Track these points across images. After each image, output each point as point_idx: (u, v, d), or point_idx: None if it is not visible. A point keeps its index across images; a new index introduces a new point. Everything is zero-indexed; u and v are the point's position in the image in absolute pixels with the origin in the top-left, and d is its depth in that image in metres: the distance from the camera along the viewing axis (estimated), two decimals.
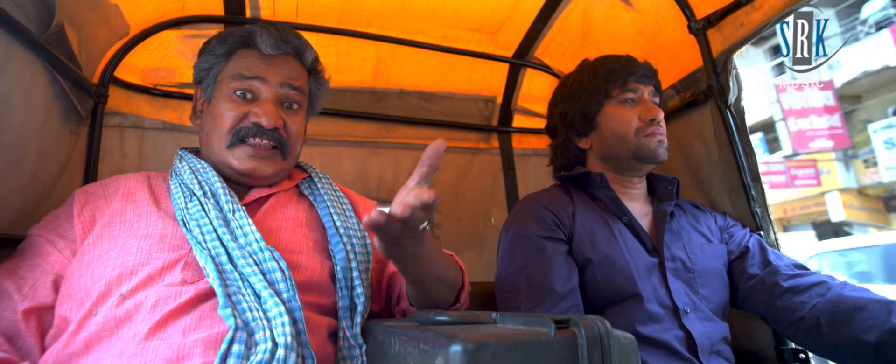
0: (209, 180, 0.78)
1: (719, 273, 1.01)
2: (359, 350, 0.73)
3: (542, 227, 0.98)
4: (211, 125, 0.82)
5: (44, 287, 0.67)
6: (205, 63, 0.85)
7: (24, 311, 0.64)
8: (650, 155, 1.04)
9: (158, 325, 0.62)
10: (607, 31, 1.39)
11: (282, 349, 0.61)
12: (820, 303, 0.90)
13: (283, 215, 0.82)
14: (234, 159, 0.80)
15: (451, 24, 1.42)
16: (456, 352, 0.45)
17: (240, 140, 0.80)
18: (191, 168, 0.80)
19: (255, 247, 0.70)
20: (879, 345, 0.80)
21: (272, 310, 0.64)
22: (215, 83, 0.84)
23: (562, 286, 0.91)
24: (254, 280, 0.66)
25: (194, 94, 0.89)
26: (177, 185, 0.77)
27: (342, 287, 0.77)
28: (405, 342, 0.57)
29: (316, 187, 0.90)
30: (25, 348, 0.64)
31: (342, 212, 0.86)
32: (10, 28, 0.76)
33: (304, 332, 0.65)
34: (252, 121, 0.80)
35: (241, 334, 0.60)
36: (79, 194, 0.76)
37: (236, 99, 0.81)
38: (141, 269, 0.67)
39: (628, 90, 1.07)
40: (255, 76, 0.82)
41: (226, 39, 0.85)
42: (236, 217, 0.73)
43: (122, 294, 0.64)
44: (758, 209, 1.11)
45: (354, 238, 0.82)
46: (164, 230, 0.71)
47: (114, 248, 0.69)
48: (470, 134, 1.70)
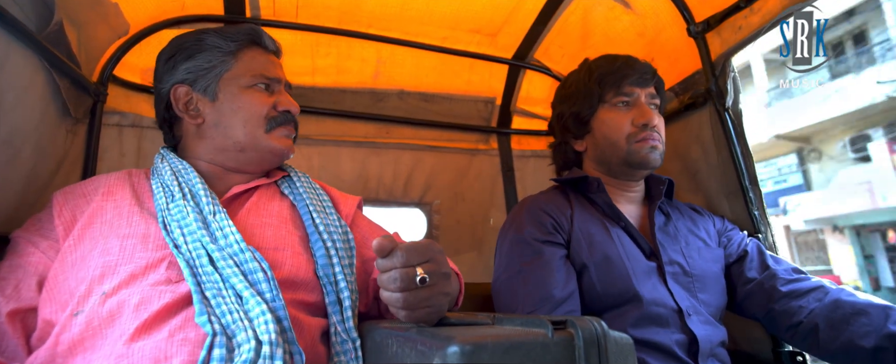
0: (190, 181, 0.78)
1: (717, 277, 1.01)
2: (352, 344, 0.72)
3: (540, 230, 0.98)
4: (236, 116, 0.84)
5: (28, 289, 0.67)
6: (202, 63, 0.84)
7: (8, 314, 0.64)
8: (641, 161, 1.02)
9: (144, 325, 0.61)
10: (607, 33, 1.39)
11: (267, 346, 0.60)
12: (818, 308, 0.90)
13: (267, 212, 0.83)
14: (275, 141, 0.86)
15: (451, 25, 1.42)
16: (454, 353, 0.45)
17: (276, 125, 0.86)
18: (172, 168, 0.80)
19: (235, 248, 0.69)
20: (876, 350, 0.81)
21: (254, 309, 0.63)
22: (219, 81, 0.84)
23: (560, 291, 0.90)
24: (235, 281, 0.66)
25: (174, 94, 0.84)
26: (158, 185, 0.77)
27: (325, 284, 0.77)
28: (403, 343, 0.57)
29: (295, 185, 0.90)
30: (10, 350, 0.64)
31: (322, 209, 0.87)
32: (9, 26, 0.76)
33: (291, 330, 0.65)
34: (282, 108, 0.87)
35: (220, 339, 0.60)
36: (57, 195, 0.76)
37: (262, 90, 0.86)
38: (123, 267, 0.66)
39: (622, 94, 1.05)
40: (274, 76, 0.88)
41: (230, 37, 0.86)
42: (216, 219, 0.73)
43: (105, 292, 0.64)
44: (756, 212, 1.11)
45: (335, 234, 0.83)
46: (147, 230, 0.71)
47: (95, 247, 0.68)
48: (469, 135, 1.70)
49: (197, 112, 0.84)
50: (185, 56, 0.85)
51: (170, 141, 0.89)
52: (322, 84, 1.51)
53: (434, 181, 1.64)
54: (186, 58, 0.85)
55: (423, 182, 1.63)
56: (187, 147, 0.86)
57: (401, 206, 1.61)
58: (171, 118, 0.87)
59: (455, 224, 1.64)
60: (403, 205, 1.61)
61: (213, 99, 0.84)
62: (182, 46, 0.86)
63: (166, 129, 0.89)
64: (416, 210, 1.63)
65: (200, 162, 0.85)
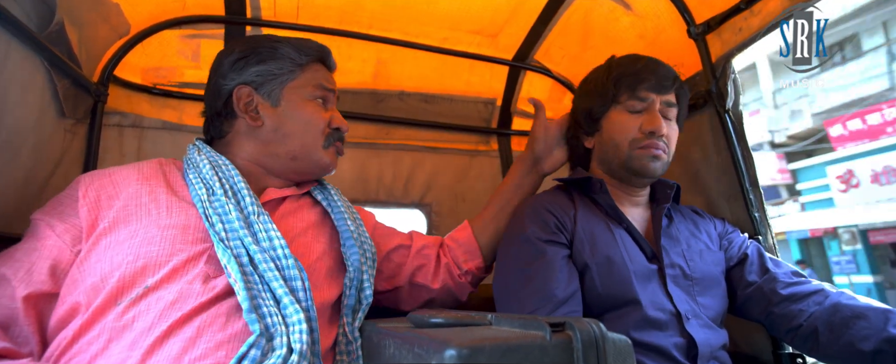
0: (231, 178, 0.77)
1: (718, 280, 1.00)
2: (355, 344, 0.76)
3: (543, 230, 0.97)
4: (297, 126, 0.86)
5: (40, 272, 0.65)
6: (272, 69, 0.86)
7: (24, 298, 0.63)
8: (639, 169, 1.00)
9: (178, 321, 0.62)
10: (607, 34, 1.39)
11: (296, 355, 0.61)
12: (817, 311, 0.90)
13: (301, 218, 0.85)
14: (328, 157, 0.89)
15: (452, 26, 1.42)
16: (451, 355, 0.44)
17: (332, 142, 0.90)
18: (210, 162, 0.79)
19: (279, 252, 0.70)
20: (876, 353, 0.80)
21: (292, 316, 0.65)
22: (283, 88, 0.86)
23: (562, 291, 0.90)
24: (275, 285, 0.67)
25: (237, 93, 0.85)
26: (196, 177, 0.76)
27: (350, 287, 0.80)
28: (400, 345, 0.57)
29: (330, 194, 0.93)
30: (22, 337, 0.62)
31: (354, 219, 0.91)
32: (9, 25, 0.76)
33: (318, 342, 0.67)
34: (335, 126, 0.90)
35: (261, 340, 0.61)
36: (83, 178, 0.75)
37: (320, 104, 0.89)
38: (167, 262, 0.66)
39: (637, 98, 1.01)
40: (332, 88, 0.92)
41: (304, 51, 0.89)
42: (260, 220, 0.73)
43: (148, 286, 0.64)
44: (756, 214, 1.11)
45: (366, 244, 0.87)
46: (187, 220, 0.71)
47: (135, 235, 0.68)
48: (469, 136, 1.70)
49: (257, 114, 0.85)
50: (258, 60, 0.86)
51: (216, 134, 0.88)
52: None
53: (434, 182, 1.64)
54: (258, 61, 0.86)
55: (423, 183, 1.63)
56: (232, 143, 0.86)
57: (401, 207, 1.61)
58: (226, 114, 0.87)
59: (455, 225, 1.63)
60: (403, 206, 1.61)
61: (275, 104, 0.85)
62: (256, 50, 0.87)
63: (216, 122, 0.88)
64: (416, 211, 1.63)
65: (240, 160, 0.85)
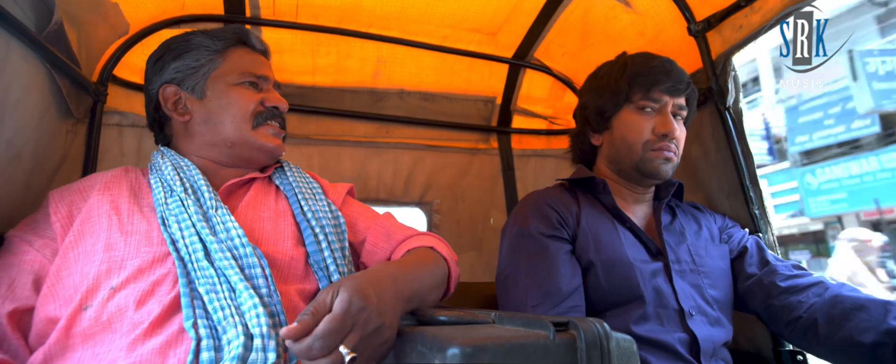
0: (191, 176, 0.79)
1: (725, 273, 1.00)
2: None
3: (545, 225, 0.97)
4: (224, 113, 0.85)
5: (22, 287, 0.66)
6: (190, 62, 0.85)
7: (8, 314, 0.64)
8: (652, 171, 1.01)
9: (155, 321, 0.62)
10: (607, 32, 1.39)
11: (259, 339, 0.60)
12: (817, 303, 0.90)
13: (264, 206, 0.84)
14: (262, 138, 0.86)
15: (452, 24, 1.42)
16: (454, 354, 0.45)
17: (263, 121, 0.87)
18: (173, 164, 0.81)
19: (236, 242, 0.70)
20: (875, 346, 0.80)
21: (246, 303, 0.64)
22: (206, 79, 0.85)
23: (566, 285, 0.90)
24: (230, 273, 0.66)
25: (162, 93, 0.85)
26: (157, 181, 0.78)
27: (317, 270, 0.78)
28: (403, 343, 0.57)
29: (285, 176, 0.91)
30: (13, 350, 0.64)
31: (311, 195, 0.88)
32: (9, 25, 0.76)
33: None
34: (269, 105, 0.87)
35: (206, 342, 0.60)
36: (53, 194, 0.76)
37: (249, 88, 0.87)
38: (130, 262, 0.67)
39: (650, 99, 1.01)
40: (262, 73, 0.89)
41: (218, 37, 0.88)
42: (218, 213, 0.74)
43: (113, 286, 0.64)
44: (756, 210, 1.11)
45: (324, 219, 0.84)
46: (149, 226, 0.72)
47: (98, 242, 0.68)
48: (469, 134, 1.70)
49: (185, 110, 0.85)
50: (173, 56, 0.86)
51: (161, 141, 0.90)
52: (322, 83, 1.50)
53: (434, 181, 1.64)
54: (174, 58, 0.86)
55: (423, 181, 1.63)
56: (178, 145, 0.88)
57: (401, 206, 1.61)
58: (160, 118, 0.88)
59: (455, 224, 1.64)
60: (403, 204, 1.61)
61: (200, 97, 0.85)
62: (170, 47, 0.87)
63: (157, 129, 0.90)
64: (416, 210, 1.63)
65: (194, 158, 0.86)
